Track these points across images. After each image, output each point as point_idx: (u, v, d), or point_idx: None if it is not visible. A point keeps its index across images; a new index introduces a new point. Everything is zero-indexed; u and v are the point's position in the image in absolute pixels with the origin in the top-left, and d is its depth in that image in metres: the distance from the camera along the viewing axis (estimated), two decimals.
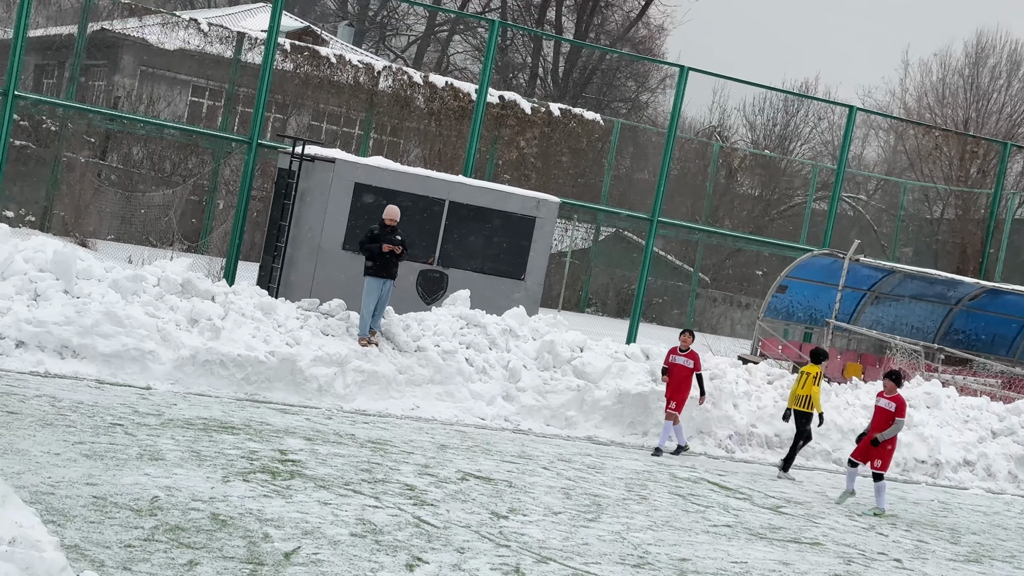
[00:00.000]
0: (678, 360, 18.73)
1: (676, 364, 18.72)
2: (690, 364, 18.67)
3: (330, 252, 21.68)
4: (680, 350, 18.79)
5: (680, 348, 18.80)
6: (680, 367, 18.69)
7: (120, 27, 41.38)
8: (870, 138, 72.51)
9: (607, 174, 46.62)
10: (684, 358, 18.70)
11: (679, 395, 18.68)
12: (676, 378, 18.68)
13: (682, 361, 18.68)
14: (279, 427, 15.21)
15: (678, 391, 18.68)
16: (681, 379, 18.66)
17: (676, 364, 18.72)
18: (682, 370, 18.68)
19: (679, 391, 18.68)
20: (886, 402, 17.19)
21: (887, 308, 31.37)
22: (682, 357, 18.71)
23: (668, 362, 18.87)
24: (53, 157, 36.74)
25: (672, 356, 18.87)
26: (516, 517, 12.65)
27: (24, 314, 16.55)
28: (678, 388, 18.68)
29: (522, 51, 73.45)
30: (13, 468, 10.86)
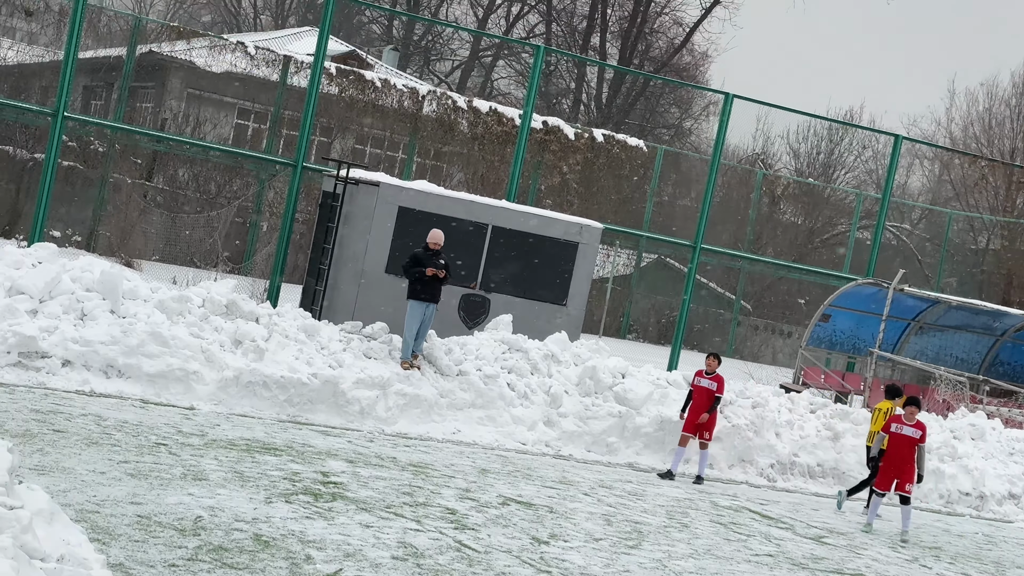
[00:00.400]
0: (703, 383, 18.62)
1: (701, 387, 18.61)
2: (714, 387, 18.56)
3: (373, 275, 21.76)
4: (706, 373, 18.69)
5: (706, 371, 18.71)
6: (704, 390, 18.58)
7: (168, 50, 41.77)
8: (915, 167, 72.19)
9: (650, 200, 46.59)
10: (709, 381, 18.60)
11: (706, 424, 18.57)
12: (698, 402, 18.55)
13: (707, 384, 18.58)
14: (321, 449, 15.26)
15: (700, 415, 18.56)
16: (703, 403, 18.54)
17: (701, 387, 18.61)
18: (706, 393, 18.59)
19: (701, 415, 18.56)
20: (911, 430, 17.13)
21: (931, 338, 31.13)
22: (707, 380, 18.61)
23: (693, 385, 18.85)
24: (100, 178, 37.08)
25: (697, 379, 18.79)
26: (557, 543, 12.62)
27: (71, 333, 16.69)
28: (700, 413, 18.55)
29: (566, 77, 73.61)
30: (59, 486, 10.95)
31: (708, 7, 70.02)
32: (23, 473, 10.54)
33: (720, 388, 18.60)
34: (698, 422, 18.48)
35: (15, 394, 15.02)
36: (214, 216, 38.08)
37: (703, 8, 70.26)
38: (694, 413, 18.55)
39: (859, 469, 20.39)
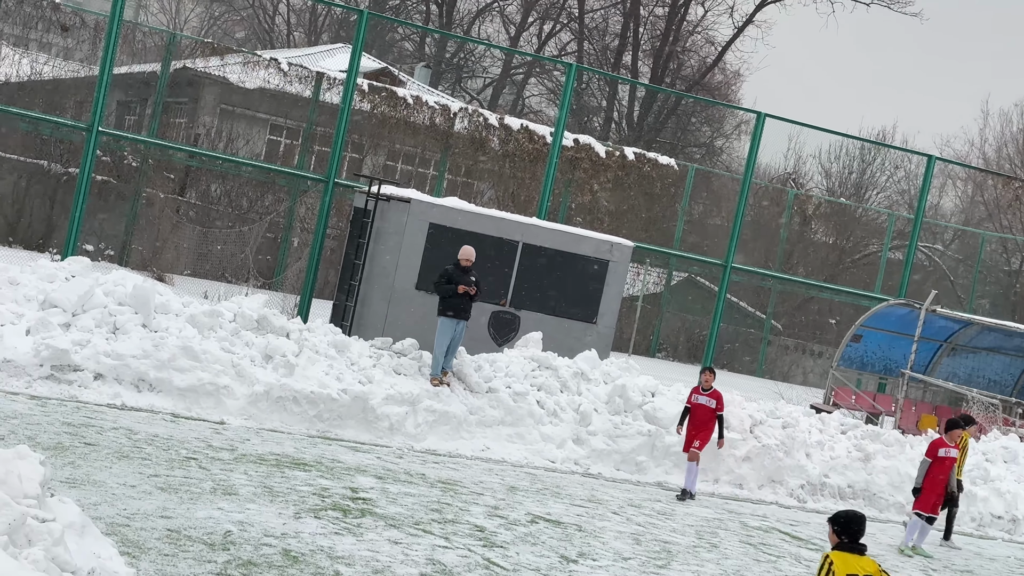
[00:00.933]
0: (700, 400, 17.97)
1: (698, 404, 17.98)
2: (712, 404, 17.94)
3: (404, 291, 21.79)
4: (703, 389, 18.01)
5: (702, 387, 18.04)
6: (702, 407, 17.94)
7: (202, 65, 42.00)
8: (947, 188, 71.85)
9: (680, 219, 46.53)
10: (707, 398, 17.94)
11: (702, 436, 17.93)
12: (697, 419, 17.97)
13: (704, 401, 17.91)
14: (350, 465, 15.27)
15: (700, 433, 17.92)
16: (703, 420, 17.92)
17: (698, 404, 17.98)
18: (703, 411, 17.95)
19: (700, 432, 17.92)
20: (956, 452, 17.32)
21: (964, 360, 30.94)
22: (704, 397, 17.95)
23: (690, 402, 18.15)
24: (133, 192, 37.30)
25: (694, 395, 18.13)
26: (585, 562, 12.59)
27: (103, 347, 16.78)
28: (700, 429, 17.92)
29: (597, 95, 73.65)
30: (90, 499, 10.99)
31: (741, 26, 69.99)
32: (55, 486, 10.59)
33: (720, 405, 18.01)
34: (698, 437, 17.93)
35: (47, 407, 15.11)
36: (246, 231, 38.25)
37: (735, 27, 70.24)
38: (694, 433, 17.94)
39: (889, 491, 20.28)
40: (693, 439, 17.86)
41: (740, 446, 19.74)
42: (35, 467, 7.95)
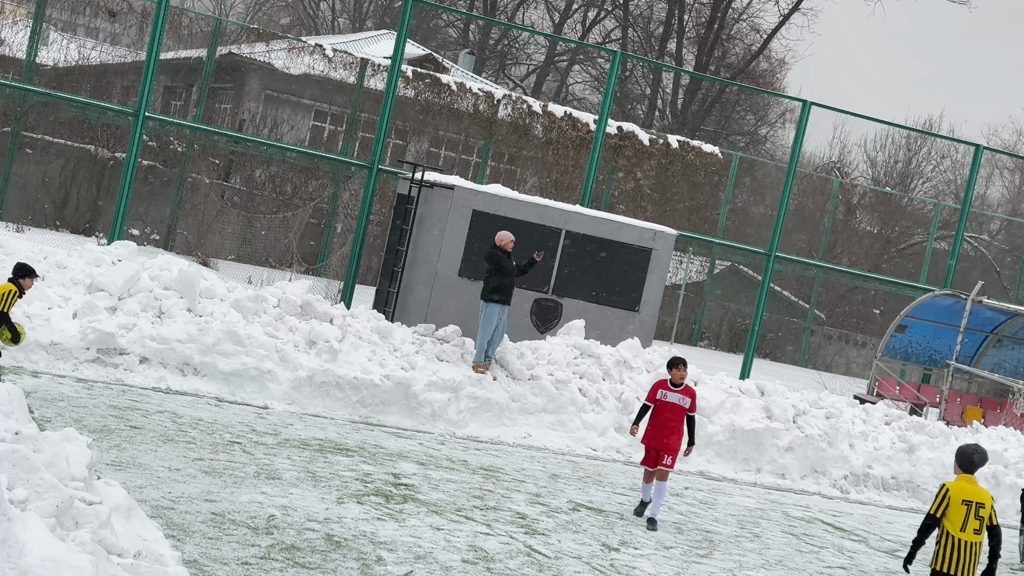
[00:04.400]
0: (670, 397, 14.37)
1: (666, 403, 14.35)
2: (686, 403, 14.37)
3: (446, 278, 21.82)
4: (672, 384, 14.45)
5: (672, 383, 14.47)
6: (671, 407, 14.34)
7: (247, 51, 42.18)
8: (994, 177, 71.22)
9: (724, 207, 46.34)
10: (678, 395, 14.40)
11: (668, 442, 14.27)
12: (663, 420, 14.34)
13: (675, 399, 14.37)
14: (393, 451, 15.32)
15: (667, 436, 14.30)
16: (671, 423, 14.32)
17: (666, 403, 14.35)
18: (673, 411, 14.34)
19: (668, 436, 14.30)
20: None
21: (1010, 352, 30.66)
22: (675, 394, 14.41)
23: (654, 399, 14.48)
24: (178, 177, 37.53)
25: (660, 391, 14.46)
26: (627, 550, 12.58)
27: (148, 331, 16.90)
28: (667, 434, 14.31)
29: (641, 82, 73.41)
30: (135, 482, 11.08)
31: (786, 14, 69.54)
32: (101, 468, 10.69)
33: (693, 405, 14.47)
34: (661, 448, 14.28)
35: (93, 390, 15.24)
36: (290, 217, 38.40)
37: (781, 15, 69.79)
38: (658, 436, 14.35)
39: (934, 483, 20.13)
40: (660, 450, 14.25)
41: (783, 436, 19.66)
42: (82, 449, 8.02)
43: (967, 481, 10.39)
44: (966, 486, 10.34)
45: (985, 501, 10.31)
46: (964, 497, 10.25)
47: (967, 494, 10.27)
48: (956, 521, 10.23)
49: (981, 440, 21.63)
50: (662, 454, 14.13)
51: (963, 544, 10.22)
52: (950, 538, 10.24)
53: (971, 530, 10.22)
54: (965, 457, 10.50)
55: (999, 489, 20.37)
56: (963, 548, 10.22)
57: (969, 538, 10.22)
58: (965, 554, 10.22)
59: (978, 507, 10.25)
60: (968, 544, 10.22)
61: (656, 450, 14.20)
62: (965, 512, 10.22)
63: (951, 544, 10.23)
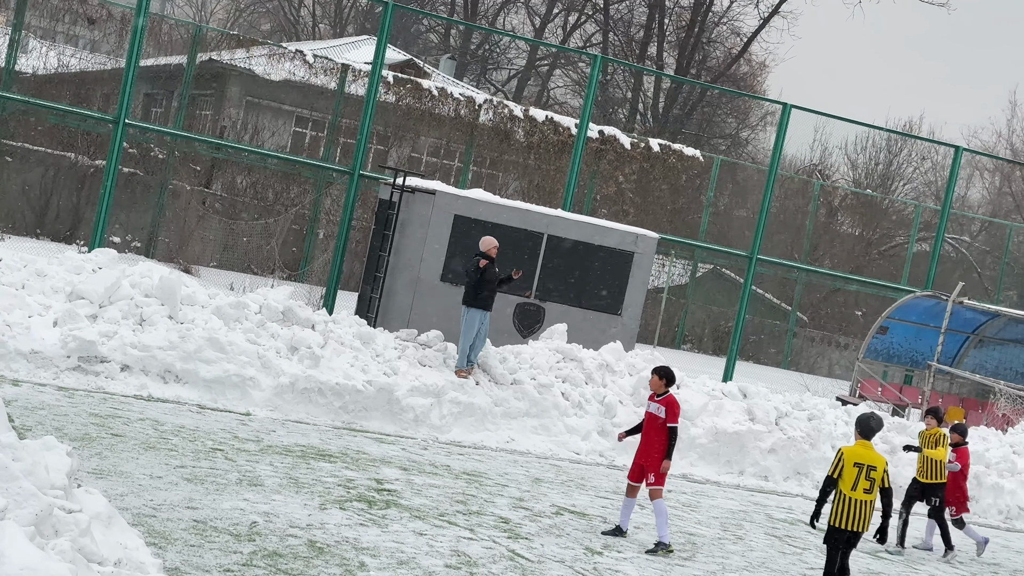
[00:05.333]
0: (649, 407, 13.64)
1: (647, 413, 13.64)
2: (662, 413, 13.44)
3: (428, 283, 21.81)
4: (656, 395, 13.62)
5: (656, 393, 13.65)
6: (650, 416, 13.56)
7: (228, 58, 42.09)
8: (975, 179, 71.52)
9: (706, 210, 46.42)
10: (657, 405, 13.53)
11: (650, 456, 13.44)
12: (644, 431, 13.64)
13: (654, 409, 13.53)
14: (375, 456, 15.31)
15: (647, 449, 13.50)
16: (650, 433, 13.51)
17: (647, 413, 13.64)
18: (651, 421, 13.53)
19: (648, 449, 13.48)
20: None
21: (991, 352, 30.78)
22: (654, 403, 13.58)
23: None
24: (159, 184, 37.43)
25: (648, 401, 13.83)
26: (611, 553, 12.59)
27: (129, 338, 16.86)
28: (646, 445, 13.53)
29: (622, 86, 73.48)
30: (117, 490, 11.05)
31: (766, 17, 69.69)
32: (81, 477, 10.65)
33: (670, 415, 13.42)
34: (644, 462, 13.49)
35: (74, 398, 15.19)
36: (271, 223, 38.34)
37: (761, 18, 69.95)
38: (640, 448, 13.61)
39: None
40: (643, 464, 13.48)
41: (766, 438, 19.70)
42: (62, 458, 8.00)
43: (863, 446, 11.45)
44: (860, 450, 11.41)
45: (877, 464, 11.35)
46: (856, 460, 11.32)
47: (860, 457, 11.34)
48: (848, 481, 11.29)
49: None
50: (645, 469, 13.39)
51: (853, 502, 11.28)
52: (842, 496, 11.34)
53: (861, 490, 11.26)
54: (863, 424, 11.56)
55: (981, 489, 20.45)
56: (853, 505, 11.29)
57: (859, 496, 11.27)
58: (855, 511, 11.29)
59: (869, 469, 11.30)
60: (858, 502, 11.28)
61: (639, 464, 13.47)
62: (857, 473, 11.28)
63: (843, 501, 11.33)
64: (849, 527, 11.32)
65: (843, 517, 11.32)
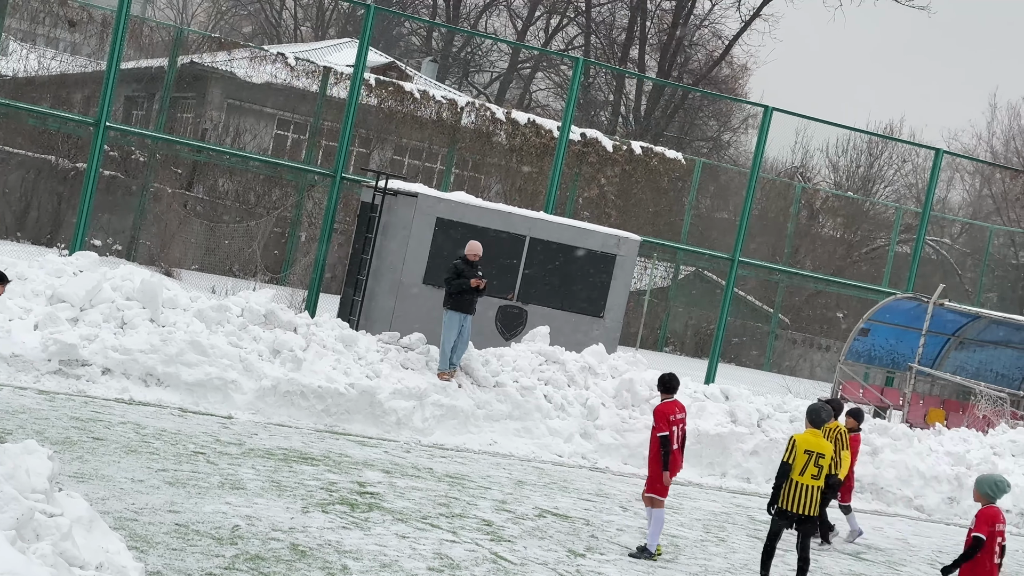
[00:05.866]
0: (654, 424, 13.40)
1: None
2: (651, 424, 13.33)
3: (411, 286, 21.79)
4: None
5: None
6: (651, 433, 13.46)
7: (209, 60, 42.00)
8: (955, 181, 71.76)
9: (688, 213, 46.48)
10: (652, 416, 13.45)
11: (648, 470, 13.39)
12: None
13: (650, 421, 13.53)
14: (358, 459, 15.29)
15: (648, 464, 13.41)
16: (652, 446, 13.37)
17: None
18: (651, 437, 13.44)
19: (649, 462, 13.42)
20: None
21: (972, 354, 30.88)
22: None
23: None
24: (141, 187, 37.32)
25: None
26: (593, 556, 12.60)
27: (111, 341, 16.81)
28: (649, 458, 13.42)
29: (604, 89, 73.55)
30: (98, 494, 11.01)
31: (748, 20, 69.82)
32: (62, 480, 10.61)
33: (658, 425, 13.12)
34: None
35: (55, 401, 15.14)
36: (253, 226, 38.25)
37: (743, 21, 70.08)
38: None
39: (897, 485, 20.27)
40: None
41: (748, 440, 19.73)
42: (43, 462, 7.96)
43: (813, 434, 12.22)
44: (811, 438, 12.18)
45: (825, 452, 12.16)
46: (807, 447, 12.05)
47: (810, 445, 12.08)
48: (798, 467, 12.04)
49: (944, 442, 21.78)
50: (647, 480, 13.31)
51: (801, 487, 12.03)
52: (791, 481, 12.07)
53: (809, 475, 12.02)
54: (814, 413, 12.36)
55: (962, 491, 20.52)
56: (801, 490, 12.03)
57: (807, 482, 12.03)
58: (803, 495, 12.02)
59: (818, 456, 12.07)
60: (806, 487, 12.03)
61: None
62: (806, 460, 12.02)
63: (792, 486, 12.06)
64: (797, 510, 12.03)
65: (792, 501, 12.04)
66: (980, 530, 10.57)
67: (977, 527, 10.58)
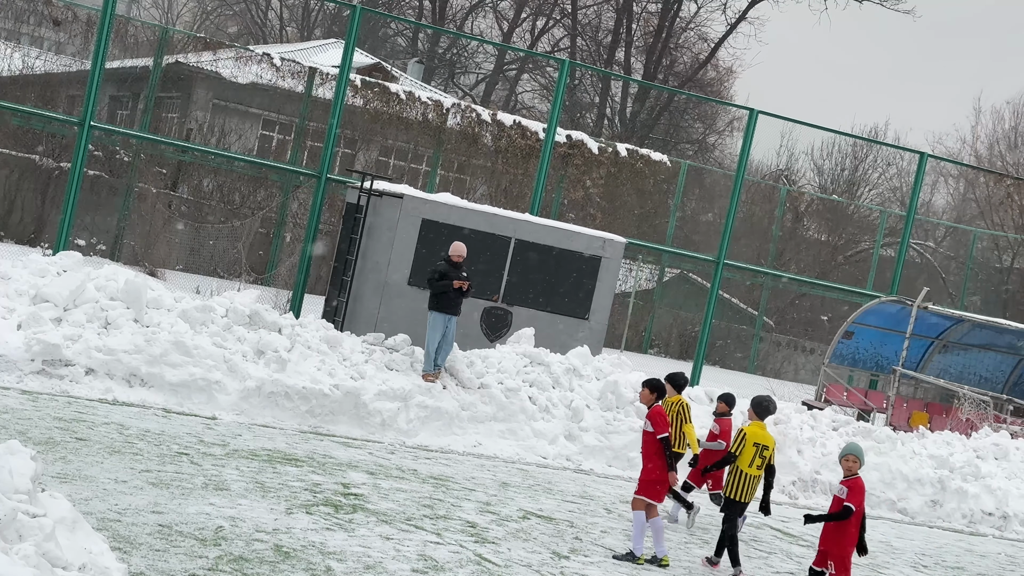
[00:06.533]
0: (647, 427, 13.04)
1: (643, 431, 13.16)
2: (648, 427, 12.97)
3: (396, 287, 21.78)
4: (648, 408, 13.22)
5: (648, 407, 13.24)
6: (644, 434, 13.11)
7: (194, 60, 41.90)
8: (939, 185, 71.99)
9: (673, 215, 46.53)
10: (645, 420, 13.14)
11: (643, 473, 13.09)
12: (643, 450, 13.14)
13: (644, 425, 13.13)
14: (342, 460, 15.27)
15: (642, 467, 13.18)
16: (646, 451, 13.01)
17: (643, 431, 13.16)
18: (645, 439, 13.07)
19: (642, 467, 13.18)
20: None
21: (955, 357, 30.98)
22: (644, 418, 13.21)
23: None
24: (125, 187, 37.22)
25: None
26: (577, 558, 12.60)
27: (95, 342, 16.75)
28: (644, 462, 13.10)
29: (590, 91, 73.62)
30: (81, 494, 10.97)
31: (733, 23, 69.99)
32: (45, 481, 10.57)
33: (659, 425, 12.90)
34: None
35: (38, 402, 15.08)
36: (238, 226, 38.18)
37: (728, 24, 70.24)
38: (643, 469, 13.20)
39: (881, 488, 20.30)
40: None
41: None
42: (26, 462, 7.93)
43: (759, 427, 13.02)
44: (758, 431, 12.98)
45: (769, 444, 12.95)
46: (756, 440, 12.86)
47: (759, 438, 12.91)
48: (746, 459, 12.88)
49: (927, 445, 21.84)
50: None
51: (748, 477, 12.92)
52: (739, 472, 12.93)
53: (755, 466, 12.87)
54: (760, 406, 13.25)
55: (945, 494, 20.58)
56: (748, 480, 12.93)
57: (753, 472, 12.91)
58: (749, 484, 12.96)
59: (763, 448, 12.89)
60: (752, 477, 12.93)
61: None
62: (754, 452, 12.84)
63: (740, 476, 12.92)
64: (745, 499, 12.99)
65: (741, 490, 12.95)
66: (854, 501, 11.37)
67: (851, 497, 11.36)
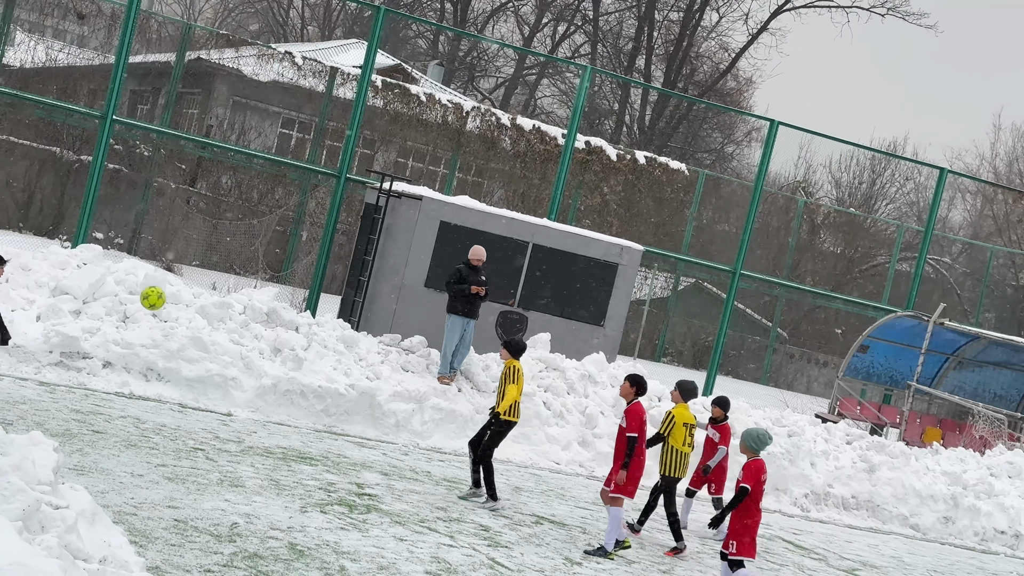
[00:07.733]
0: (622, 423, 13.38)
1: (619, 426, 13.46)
2: (623, 422, 13.26)
3: (412, 289, 21.79)
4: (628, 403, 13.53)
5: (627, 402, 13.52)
6: (619, 431, 13.40)
7: (216, 57, 42.04)
8: (956, 201, 71.80)
9: (689, 224, 46.49)
10: (622, 416, 13.44)
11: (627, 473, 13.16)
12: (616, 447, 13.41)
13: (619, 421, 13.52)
14: (356, 460, 15.29)
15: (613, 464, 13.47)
16: (618, 445, 13.33)
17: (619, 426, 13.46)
18: (618, 435, 13.36)
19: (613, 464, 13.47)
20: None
21: (970, 374, 30.90)
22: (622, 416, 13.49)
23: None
24: (144, 182, 37.33)
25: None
26: (590, 564, 12.61)
27: (113, 335, 16.81)
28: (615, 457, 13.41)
29: (610, 97, 73.61)
30: (98, 487, 11.02)
31: (755, 33, 69.97)
32: (63, 473, 10.62)
33: (631, 424, 13.12)
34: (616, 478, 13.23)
35: (56, 393, 15.14)
36: (256, 224, 38.26)
37: (750, 34, 70.23)
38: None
39: (893, 503, 20.27)
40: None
41: None
42: (49, 453, 7.98)
43: (685, 408, 14.28)
44: (684, 412, 14.25)
45: (692, 422, 14.34)
46: (684, 420, 14.15)
47: (686, 418, 14.20)
48: (679, 438, 14.14)
49: (941, 461, 21.80)
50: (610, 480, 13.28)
51: (682, 455, 14.18)
52: (674, 451, 14.17)
53: (687, 445, 14.21)
54: (686, 390, 14.35)
55: (957, 511, 20.52)
56: (682, 457, 14.19)
57: (686, 450, 14.22)
58: (682, 461, 14.20)
59: (691, 427, 14.25)
60: (685, 454, 14.23)
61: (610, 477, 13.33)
62: (685, 432, 14.15)
63: (675, 455, 14.19)
64: (679, 475, 14.20)
65: (675, 467, 14.17)
66: (747, 481, 11.59)
67: (745, 479, 11.61)
